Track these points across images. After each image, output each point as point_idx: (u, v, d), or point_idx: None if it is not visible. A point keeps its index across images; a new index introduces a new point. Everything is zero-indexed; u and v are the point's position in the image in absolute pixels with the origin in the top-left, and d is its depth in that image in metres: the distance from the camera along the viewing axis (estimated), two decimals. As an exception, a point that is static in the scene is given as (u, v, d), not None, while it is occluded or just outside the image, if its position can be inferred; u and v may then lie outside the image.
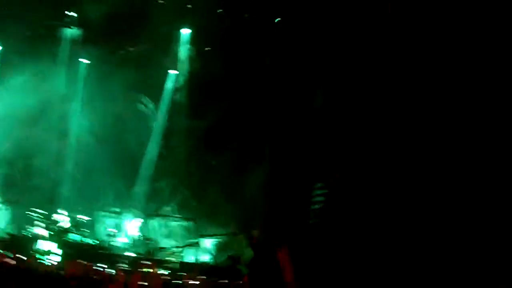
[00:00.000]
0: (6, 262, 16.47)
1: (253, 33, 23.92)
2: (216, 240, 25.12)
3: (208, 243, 25.17)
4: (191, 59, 25.46)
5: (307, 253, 22.57)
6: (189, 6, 24.13)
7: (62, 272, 17.65)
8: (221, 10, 23.94)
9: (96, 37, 24.51)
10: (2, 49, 24.40)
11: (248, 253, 24.49)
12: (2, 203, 24.23)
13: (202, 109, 25.32)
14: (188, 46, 25.27)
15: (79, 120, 25.10)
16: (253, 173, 24.45)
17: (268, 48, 24.06)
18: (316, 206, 23.95)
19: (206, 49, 25.30)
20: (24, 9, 22.92)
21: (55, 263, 19.96)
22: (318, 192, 23.99)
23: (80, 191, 24.82)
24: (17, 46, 23.47)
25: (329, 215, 23.21)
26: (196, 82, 25.39)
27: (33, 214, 23.42)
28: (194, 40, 25.23)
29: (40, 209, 23.73)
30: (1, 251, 18.25)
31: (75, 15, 24.37)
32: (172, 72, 25.71)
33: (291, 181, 24.30)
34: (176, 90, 25.75)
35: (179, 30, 25.07)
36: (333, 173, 23.98)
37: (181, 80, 25.77)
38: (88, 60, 25.19)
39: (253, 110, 24.86)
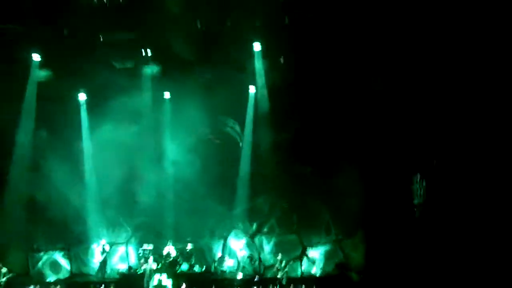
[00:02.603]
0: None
1: (326, 37, 23.64)
2: (321, 249, 25.03)
3: (314, 253, 25.11)
4: (267, 73, 25.46)
5: (414, 248, 22.20)
6: (257, 24, 24.12)
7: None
8: (287, 22, 23.71)
9: (175, 70, 25.04)
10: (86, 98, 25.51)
11: (356, 258, 24.34)
12: (111, 243, 25.27)
13: (286, 121, 25.33)
14: (261, 60, 25.26)
15: (172, 152, 25.69)
16: (348, 176, 24.19)
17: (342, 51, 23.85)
18: (419, 199, 23.44)
19: (281, 60, 25.24)
20: (101, 54, 23.81)
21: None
22: (417, 185, 23.46)
23: (184, 221, 25.42)
24: (100, 92, 24.50)
25: (433, 207, 22.65)
26: (276, 95, 25.36)
27: (142, 250, 24.44)
28: (267, 53, 25.22)
29: (148, 244, 24.81)
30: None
31: (150, 53, 24.87)
32: (251, 88, 25.87)
33: (388, 179, 23.89)
34: (257, 106, 25.86)
35: (251, 46, 25.09)
36: (430, 162, 23.39)
37: (261, 95, 25.84)
38: (170, 92, 25.82)
39: (337, 115, 24.66)
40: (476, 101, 20.95)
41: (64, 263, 25.25)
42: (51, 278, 24.64)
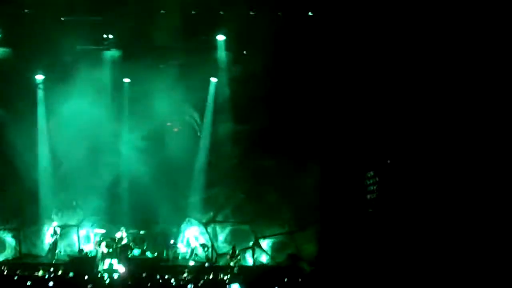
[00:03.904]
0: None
1: (288, 31, 23.84)
2: (274, 240, 25.24)
3: (266, 244, 25.29)
4: (230, 64, 25.59)
5: (367, 241, 22.56)
6: (222, 12, 24.20)
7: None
8: (253, 13, 23.86)
9: (135, 55, 24.93)
10: (44, 77, 25.23)
11: (308, 249, 24.62)
12: (62, 226, 25.00)
13: (247, 113, 25.46)
14: (225, 52, 25.37)
15: (128, 139, 25.58)
16: (305, 171, 24.52)
17: (305, 45, 24.11)
18: (371, 195, 23.83)
19: (244, 53, 25.38)
20: (61, 34, 23.43)
21: (118, 279, 20.50)
22: (371, 181, 23.85)
23: (137, 207, 25.31)
24: (59, 72, 24.23)
25: (385, 203, 23.05)
26: (237, 87, 25.49)
27: (94, 233, 24.26)
28: (231, 45, 25.35)
29: (100, 228, 24.64)
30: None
31: (111, 36, 24.73)
32: (213, 79, 25.96)
33: (344, 175, 24.25)
34: (218, 97, 25.95)
35: (214, 37, 25.17)
36: (384, 160, 23.82)
37: (222, 86, 25.95)
38: (130, 79, 25.71)
39: (299, 110, 24.92)
40: (430, 100, 21.39)
41: (13, 243, 24.86)
42: (-1, 258, 24.26)
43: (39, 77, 25.23)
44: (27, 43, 23.88)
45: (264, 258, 25.13)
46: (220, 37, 24.97)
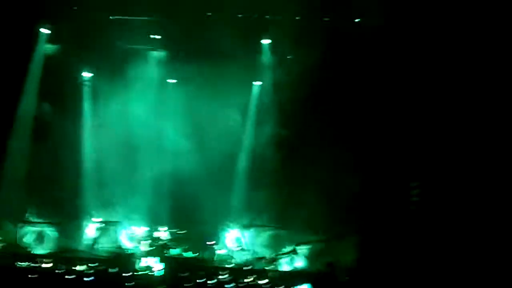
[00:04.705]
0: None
1: (333, 36, 23.76)
2: (312, 247, 25.02)
3: (304, 250, 25.08)
4: (274, 68, 25.59)
5: (408, 253, 22.21)
6: (267, 16, 24.28)
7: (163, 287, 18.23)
8: (298, 18, 23.86)
9: (181, 57, 25.15)
10: (91, 75, 25.64)
11: (346, 258, 24.30)
12: (104, 222, 25.33)
13: (290, 117, 25.35)
14: (269, 56, 25.39)
15: (172, 139, 25.65)
16: (346, 178, 24.23)
17: (350, 50, 23.97)
18: (415, 206, 23.46)
19: (288, 57, 25.36)
20: (109, 33, 23.84)
21: (157, 278, 20.61)
22: (415, 191, 23.49)
23: (178, 207, 25.53)
24: (105, 70, 24.58)
25: (429, 214, 22.67)
26: (281, 91, 25.43)
27: (133, 231, 24.42)
28: (275, 49, 25.34)
29: (140, 226, 24.84)
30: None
31: (159, 37, 24.98)
32: (256, 83, 25.99)
33: (387, 183, 23.93)
34: (262, 100, 25.95)
35: (259, 41, 25.21)
36: (428, 170, 23.46)
37: (266, 90, 25.95)
38: (175, 79, 25.93)
39: (342, 115, 24.71)
40: (478, 108, 21.06)
41: (54, 237, 25.10)
42: (39, 251, 24.46)
43: (86, 75, 25.63)
44: (75, 40, 24.32)
45: (302, 265, 24.92)
46: (265, 41, 25.06)
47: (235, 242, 25.19)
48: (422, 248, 21.72)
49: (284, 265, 24.68)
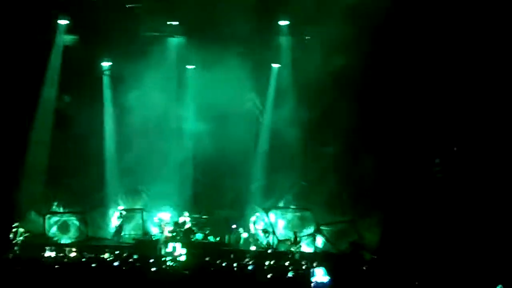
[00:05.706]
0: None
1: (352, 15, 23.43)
2: (335, 228, 25.04)
3: (328, 231, 25.10)
4: (292, 50, 25.42)
5: (432, 230, 22.06)
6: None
7: (187, 272, 18.30)
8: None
9: (199, 42, 25.10)
10: (110, 64, 25.81)
11: (370, 237, 24.26)
12: (128, 209, 25.63)
13: (309, 99, 25.24)
14: (287, 37, 25.21)
15: (192, 124, 25.86)
16: (368, 158, 24.07)
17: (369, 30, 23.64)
18: (438, 182, 23.27)
19: (306, 38, 25.16)
20: (127, 21, 24.02)
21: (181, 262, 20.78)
22: (437, 168, 23.29)
23: (201, 192, 25.88)
24: (125, 59, 24.58)
25: (453, 191, 22.47)
26: (300, 73, 25.27)
27: (158, 217, 24.66)
28: (293, 30, 25.14)
29: (164, 212, 25.04)
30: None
31: (176, 23, 24.98)
32: (275, 65, 25.89)
33: (408, 162, 23.74)
34: (281, 82, 25.88)
35: (277, 23, 25.01)
36: (450, 147, 23.23)
37: (285, 72, 25.84)
38: (194, 65, 25.92)
39: (361, 95, 24.46)
40: (497, 88, 20.76)
41: (81, 226, 25.53)
42: (66, 240, 24.97)
43: (106, 64, 25.84)
44: (94, 31, 24.38)
45: (326, 246, 24.97)
46: (283, 22, 24.86)
47: (259, 224, 25.32)
48: (446, 225, 21.60)
49: (307, 247, 24.87)
